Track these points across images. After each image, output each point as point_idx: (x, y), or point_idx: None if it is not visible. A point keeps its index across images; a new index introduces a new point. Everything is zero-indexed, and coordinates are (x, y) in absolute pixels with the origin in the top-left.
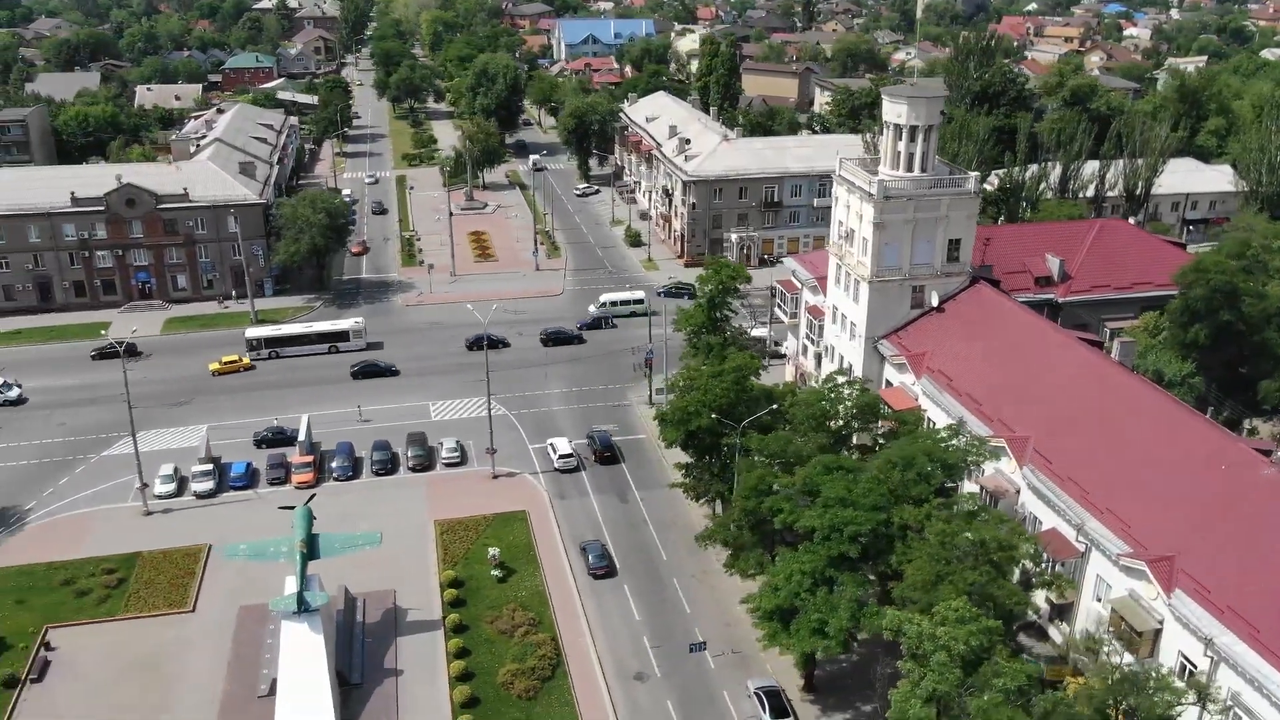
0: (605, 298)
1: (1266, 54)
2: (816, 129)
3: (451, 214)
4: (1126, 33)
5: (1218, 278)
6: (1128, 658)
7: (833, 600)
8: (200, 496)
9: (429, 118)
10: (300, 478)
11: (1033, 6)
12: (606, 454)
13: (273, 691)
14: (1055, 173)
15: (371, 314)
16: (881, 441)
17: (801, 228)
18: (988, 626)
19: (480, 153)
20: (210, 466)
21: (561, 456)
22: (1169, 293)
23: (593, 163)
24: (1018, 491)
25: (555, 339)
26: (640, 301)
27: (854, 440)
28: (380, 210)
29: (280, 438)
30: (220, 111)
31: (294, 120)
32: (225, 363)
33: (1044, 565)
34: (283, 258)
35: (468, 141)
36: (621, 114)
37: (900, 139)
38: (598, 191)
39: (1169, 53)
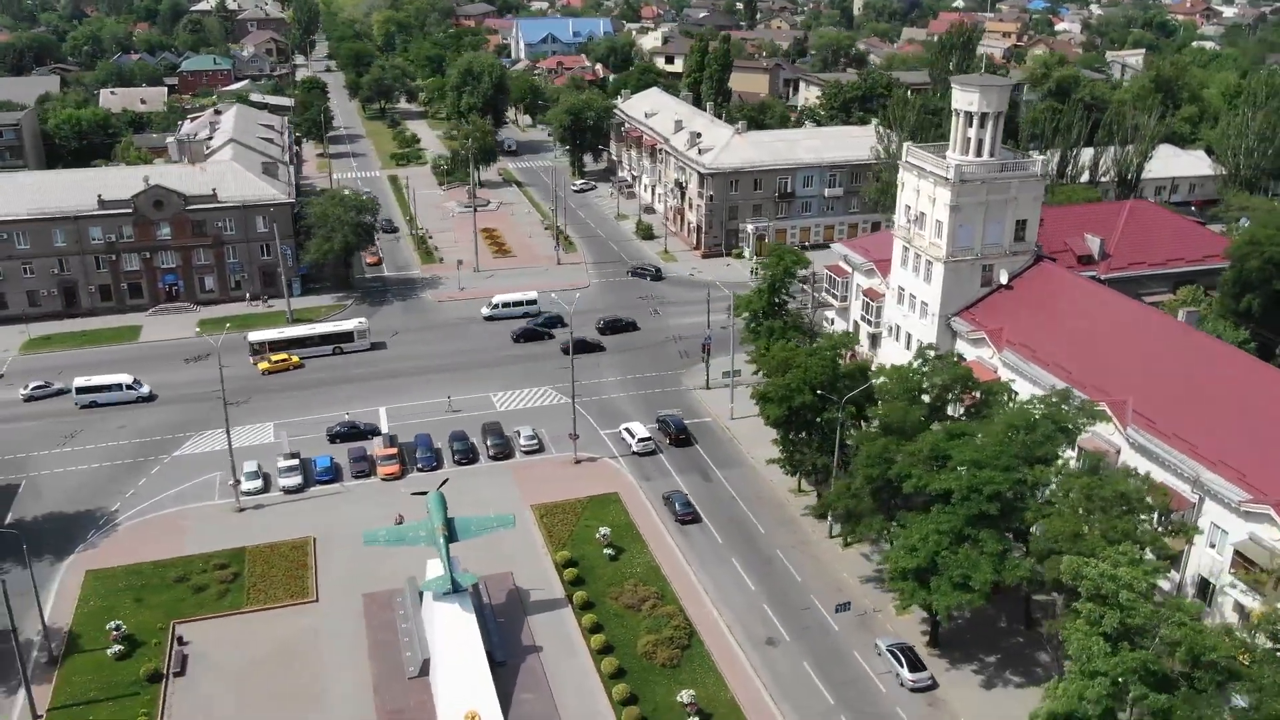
0: (498, 299)
1: (1207, 45)
2: (807, 122)
3: (457, 212)
4: (1059, 28)
5: (1272, 249)
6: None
7: (973, 556)
8: (289, 491)
9: (403, 118)
10: (387, 470)
11: (960, 4)
12: (681, 437)
13: (424, 672)
14: (1054, 160)
15: (405, 310)
16: (962, 414)
17: (813, 217)
18: (1156, 566)
19: (478, 150)
20: (296, 462)
21: (640, 440)
22: (1200, 268)
23: (586, 159)
24: (1118, 452)
25: (612, 328)
26: (533, 302)
27: (947, 411)
28: (390, 229)
29: (354, 432)
30: (218, 113)
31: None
32: (275, 361)
33: (1159, 516)
34: (314, 256)
35: (466, 140)
36: (616, 110)
37: (971, 125)
38: (594, 187)
39: (1104, 46)
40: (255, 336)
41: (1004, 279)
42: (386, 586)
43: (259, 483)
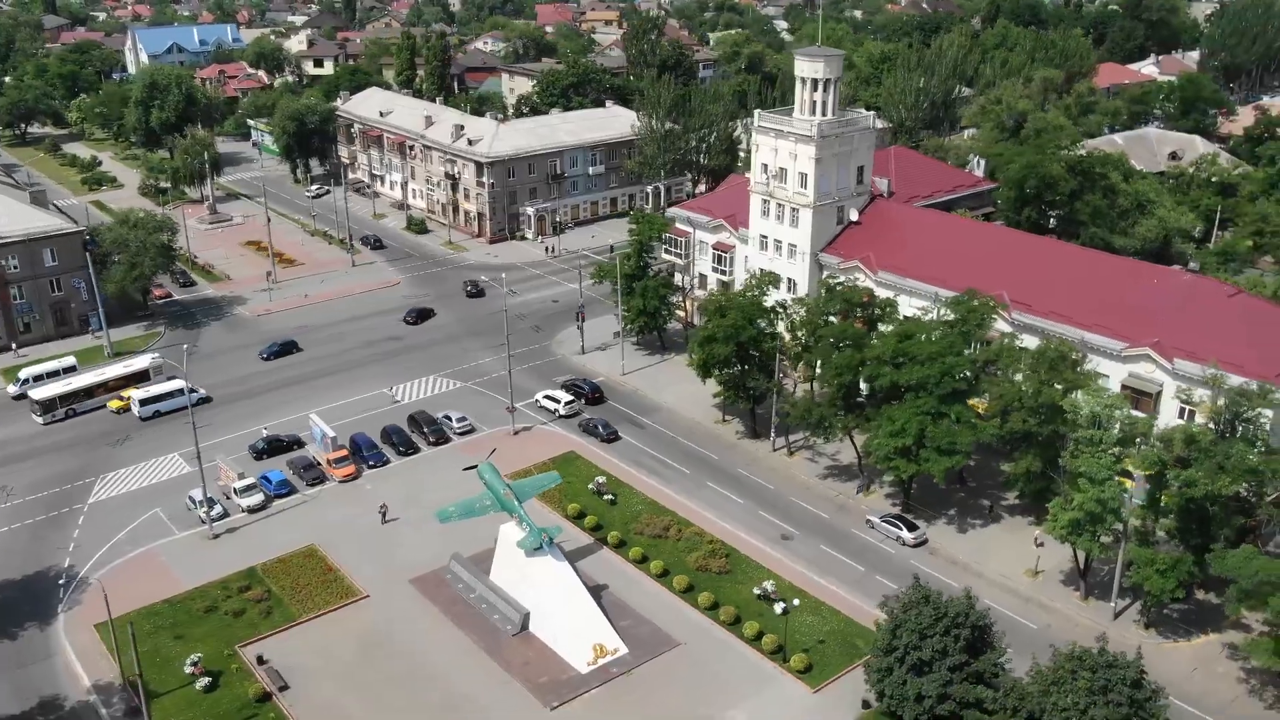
0: (25, 373)
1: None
2: (526, 110)
3: (204, 230)
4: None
5: (1044, 172)
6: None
7: (953, 428)
8: (252, 511)
9: (54, 141)
10: (344, 471)
11: None
12: (596, 395)
13: (524, 627)
14: None
15: (228, 328)
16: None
17: (580, 195)
18: (1120, 401)
19: (201, 165)
20: (252, 481)
21: (566, 403)
22: (960, 195)
23: (311, 163)
24: (1008, 336)
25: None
26: (72, 369)
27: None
28: None
29: (279, 445)
30: None
31: None
32: (126, 397)
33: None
34: (117, 286)
35: (187, 157)
36: (340, 113)
37: (815, 90)
38: (329, 191)
39: (699, 30)
40: (40, 393)
41: (854, 216)
42: (423, 570)
43: (218, 508)
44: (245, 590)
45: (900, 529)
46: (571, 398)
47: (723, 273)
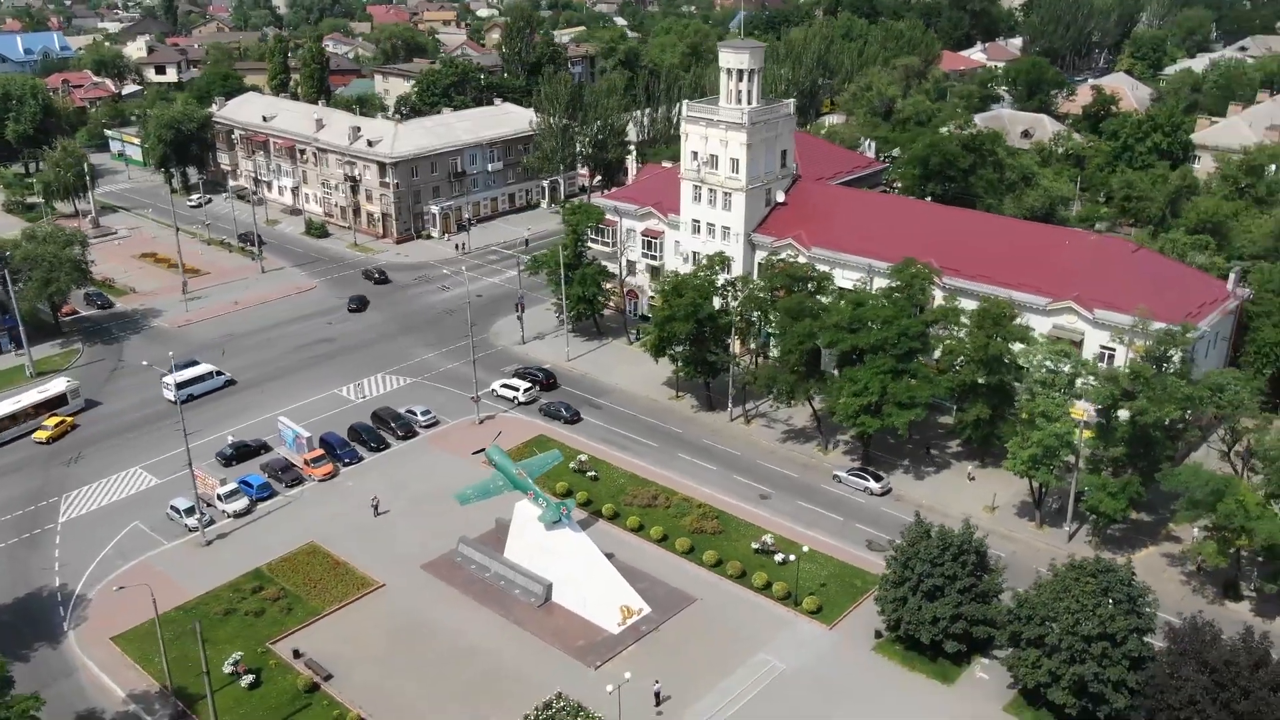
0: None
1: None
2: (444, 108)
3: (90, 243)
4: (484, 13)
5: (945, 151)
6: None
7: (911, 384)
8: (238, 515)
9: None
10: (323, 470)
11: None
12: (550, 381)
13: (548, 597)
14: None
15: (147, 342)
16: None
17: (481, 192)
18: (1065, 348)
19: (78, 178)
20: (234, 486)
21: (526, 390)
22: (858, 175)
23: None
24: (951, 296)
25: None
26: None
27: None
28: None
29: (246, 450)
30: None
31: None
32: (55, 426)
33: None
34: (30, 304)
35: (59, 170)
36: (217, 119)
37: (740, 80)
38: (210, 200)
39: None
40: None
41: (780, 197)
42: (430, 557)
43: (201, 516)
44: (258, 591)
45: (867, 480)
46: (529, 384)
47: (653, 258)
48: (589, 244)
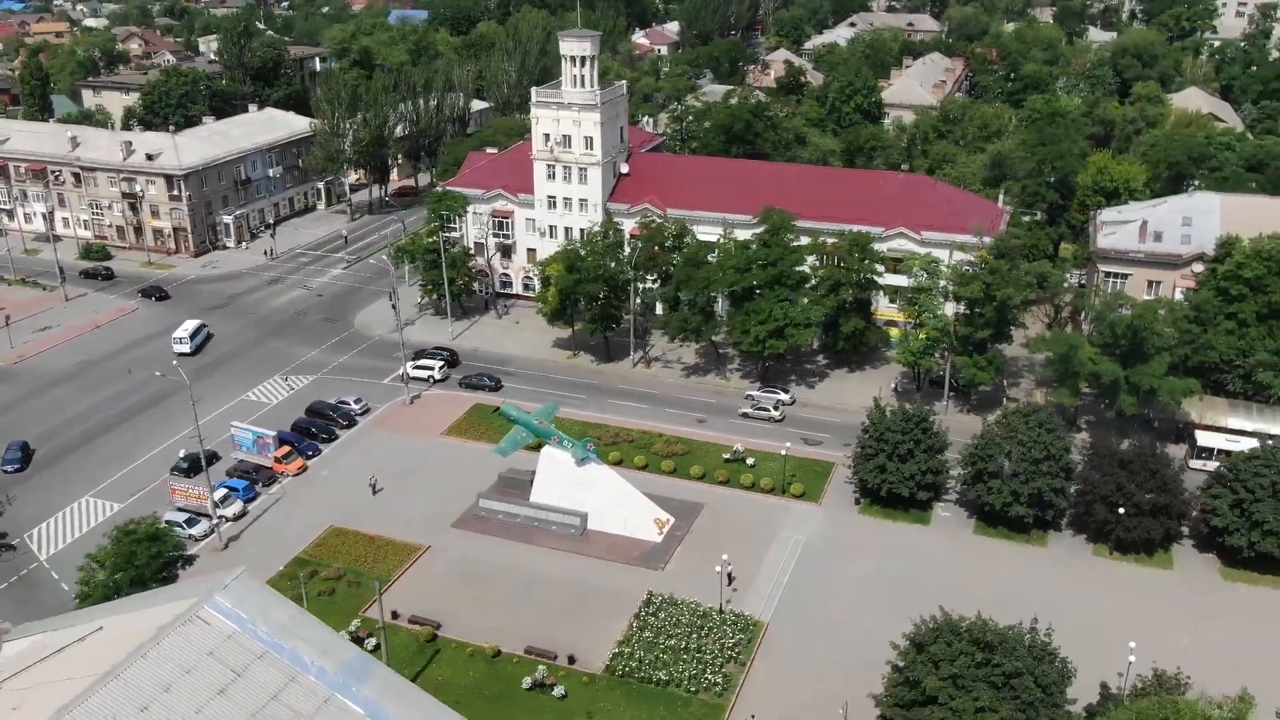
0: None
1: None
2: (136, 124)
3: None
4: None
5: (741, 117)
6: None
7: (807, 307)
8: (237, 518)
9: None
10: (295, 465)
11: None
12: (453, 358)
13: (585, 527)
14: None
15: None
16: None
17: (265, 198)
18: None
19: None
20: (225, 491)
21: (440, 367)
22: (651, 146)
23: None
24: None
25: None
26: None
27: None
28: None
29: (199, 460)
30: None
31: None
32: None
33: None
34: None
35: None
36: None
37: (581, 66)
38: None
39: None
40: None
41: (625, 169)
42: (452, 517)
43: (203, 524)
44: (315, 574)
45: (778, 393)
46: (441, 362)
47: (504, 237)
48: (449, 230)
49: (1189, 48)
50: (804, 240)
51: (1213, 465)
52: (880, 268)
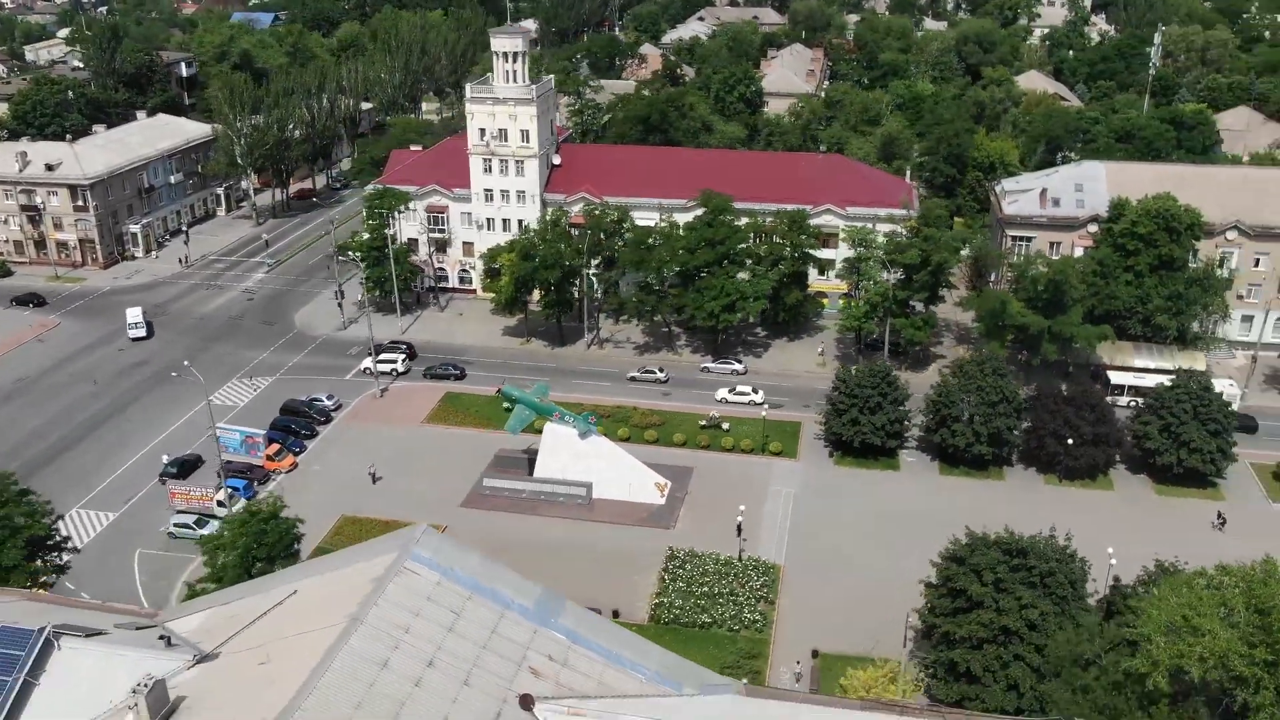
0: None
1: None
2: (4, 135)
3: None
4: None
5: (656, 108)
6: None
7: (755, 282)
8: None
9: None
10: (287, 461)
11: None
12: (413, 353)
13: (590, 496)
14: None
15: None
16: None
17: (168, 206)
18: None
19: None
20: (229, 492)
21: (403, 360)
22: (566, 137)
23: None
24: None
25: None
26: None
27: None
28: None
29: (186, 465)
30: None
31: None
32: None
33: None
34: None
35: None
36: None
37: (512, 62)
38: None
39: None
40: None
41: (557, 160)
42: (456, 498)
43: (212, 524)
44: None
45: (731, 364)
46: (404, 356)
47: (440, 231)
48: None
49: (1019, 33)
50: (743, 221)
51: (1124, 400)
52: (815, 242)
